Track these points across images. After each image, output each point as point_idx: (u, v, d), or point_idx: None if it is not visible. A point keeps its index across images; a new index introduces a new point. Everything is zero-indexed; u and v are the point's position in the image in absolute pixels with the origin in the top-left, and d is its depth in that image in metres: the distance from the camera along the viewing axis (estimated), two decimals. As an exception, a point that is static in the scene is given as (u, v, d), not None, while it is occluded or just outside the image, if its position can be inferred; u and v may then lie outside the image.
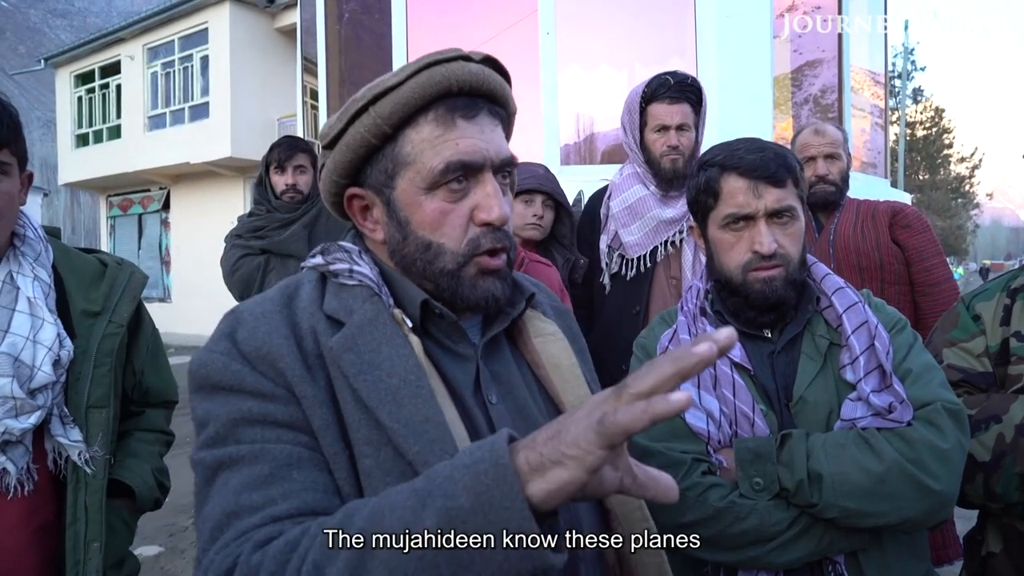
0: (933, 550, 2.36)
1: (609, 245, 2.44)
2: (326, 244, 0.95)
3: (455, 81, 0.86)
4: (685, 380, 0.56)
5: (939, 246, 2.54)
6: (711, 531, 1.20)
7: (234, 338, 0.83)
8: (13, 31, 33.72)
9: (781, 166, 1.29)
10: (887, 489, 1.15)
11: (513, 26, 4.02)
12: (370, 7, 5.00)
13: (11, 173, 1.37)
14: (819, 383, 1.28)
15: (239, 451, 0.77)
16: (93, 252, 1.62)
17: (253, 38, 14.64)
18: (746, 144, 1.33)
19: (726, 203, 1.31)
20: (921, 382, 1.24)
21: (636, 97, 2.39)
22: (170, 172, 15.82)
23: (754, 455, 1.22)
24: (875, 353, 1.24)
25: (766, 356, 1.33)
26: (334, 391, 0.81)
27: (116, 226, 18.19)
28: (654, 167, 2.37)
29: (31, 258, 1.43)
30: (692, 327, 1.38)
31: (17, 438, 1.33)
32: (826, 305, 1.33)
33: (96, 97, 17.46)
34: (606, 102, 4.19)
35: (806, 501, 1.18)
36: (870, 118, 5.84)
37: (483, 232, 0.88)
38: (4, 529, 1.33)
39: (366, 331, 0.84)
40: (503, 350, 0.97)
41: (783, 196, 1.29)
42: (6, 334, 1.34)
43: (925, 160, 33.64)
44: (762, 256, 1.28)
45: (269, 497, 0.75)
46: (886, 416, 1.20)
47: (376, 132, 0.87)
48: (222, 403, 0.80)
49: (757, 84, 3.62)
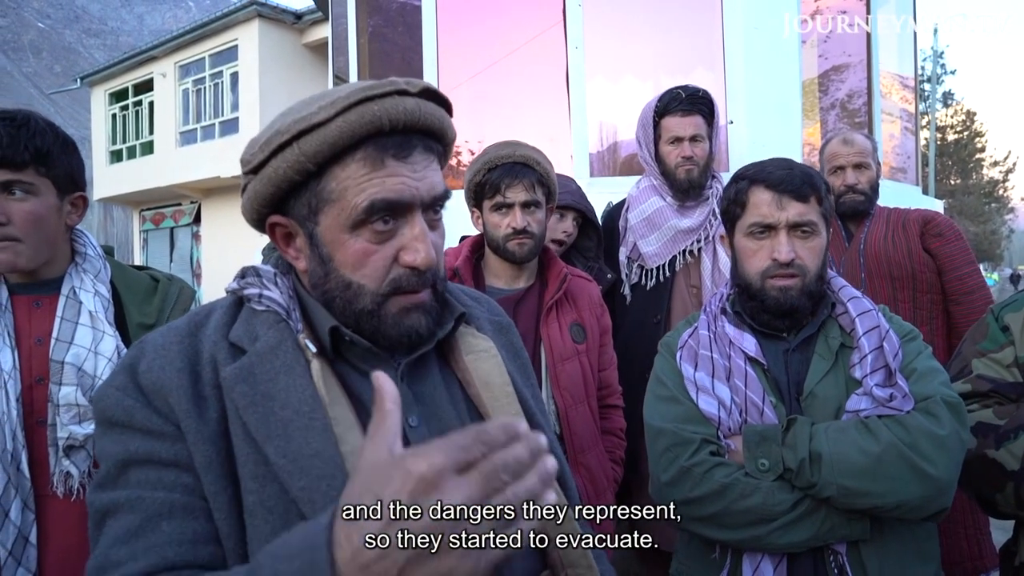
0: (970, 560, 2.33)
1: (628, 256, 2.49)
2: (245, 267, 0.92)
3: (388, 120, 0.80)
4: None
5: (972, 254, 2.52)
6: (716, 507, 1.29)
7: (134, 370, 0.81)
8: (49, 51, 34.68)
9: (805, 183, 1.39)
10: (884, 470, 1.22)
11: (539, 36, 4.07)
12: (393, 20, 5.08)
13: (37, 193, 1.42)
14: (829, 380, 1.36)
15: (119, 497, 0.76)
16: (144, 269, 1.70)
17: (281, 54, 14.90)
18: (776, 162, 1.44)
19: (751, 213, 1.42)
20: (924, 380, 1.32)
21: (649, 111, 2.45)
22: (201, 186, 16.12)
23: (761, 437, 1.30)
24: (883, 353, 1.32)
25: (781, 353, 1.42)
26: (228, 423, 0.78)
27: (149, 240, 18.56)
28: (670, 178, 2.42)
29: (92, 274, 1.52)
30: (712, 325, 1.48)
31: (80, 443, 1.41)
32: (841, 311, 1.42)
33: (130, 114, 17.87)
34: (632, 113, 4.22)
35: (807, 481, 1.25)
36: (899, 123, 5.78)
37: (406, 274, 0.84)
38: (69, 528, 1.41)
39: (266, 360, 0.81)
40: (430, 369, 0.94)
41: (805, 211, 1.39)
42: (70, 345, 1.43)
43: (957, 165, 33.03)
44: (780, 264, 1.37)
45: (131, 552, 0.73)
46: (886, 404, 1.27)
47: (299, 169, 0.81)
48: (114, 440, 0.78)
49: (785, 92, 3.62)
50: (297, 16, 14.83)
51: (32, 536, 1.38)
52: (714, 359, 1.41)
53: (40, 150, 1.41)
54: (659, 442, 1.40)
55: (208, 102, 16.01)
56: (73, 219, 1.53)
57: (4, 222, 1.39)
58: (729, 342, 1.42)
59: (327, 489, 0.74)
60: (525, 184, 1.90)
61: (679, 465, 1.33)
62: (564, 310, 1.99)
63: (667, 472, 1.36)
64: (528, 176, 1.91)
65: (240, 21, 14.87)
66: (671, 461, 1.35)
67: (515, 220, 1.90)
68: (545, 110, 4.06)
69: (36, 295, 1.49)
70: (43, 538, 1.40)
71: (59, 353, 1.42)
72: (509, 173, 1.90)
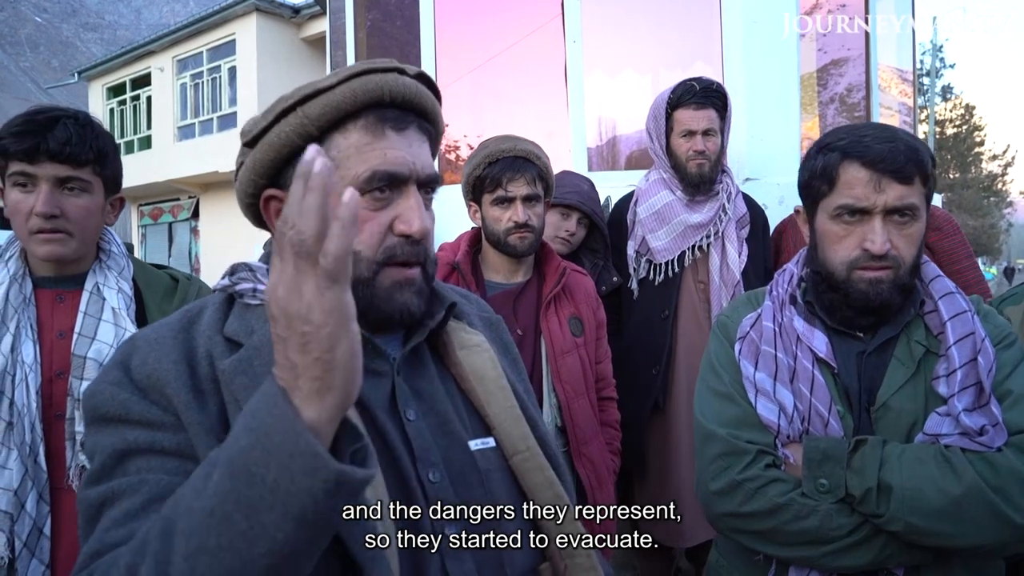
0: None
1: (636, 250, 2.47)
2: (235, 264, 0.93)
3: (388, 92, 0.84)
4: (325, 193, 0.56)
5: (970, 248, 2.53)
6: (768, 525, 1.17)
7: (127, 366, 0.80)
8: (47, 45, 34.59)
9: (911, 160, 1.16)
10: (962, 513, 1.07)
11: (537, 31, 4.06)
12: (392, 14, 5.07)
13: (91, 191, 1.50)
14: (907, 391, 1.19)
15: (120, 485, 0.74)
16: (163, 268, 1.73)
17: (279, 48, 14.88)
18: (875, 131, 1.20)
19: (842, 192, 1.20)
20: (1021, 406, 1.14)
21: (662, 103, 2.42)
22: (199, 181, 16.11)
23: (823, 455, 1.15)
24: (976, 368, 1.14)
25: (855, 355, 1.25)
26: (227, 416, 0.78)
27: (147, 235, 18.55)
28: (680, 172, 2.40)
29: (115, 272, 1.55)
30: (779, 314, 1.30)
31: None
32: (930, 309, 1.23)
33: (127, 108, 17.86)
34: (630, 107, 4.21)
35: (872, 511, 1.12)
36: (898, 116, 5.77)
37: (400, 243, 0.86)
38: None
39: (264, 352, 0.80)
40: (427, 365, 0.95)
41: (906, 194, 1.16)
42: (93, 341, 1.45)
43: (955, 158, 33.02)
44: (872, 255, 1.18)
45: (130, 532, 0.69)
46: (975, 438, 1.10)
47: (302, 133, 0.83)
48: (108, 434, 0.77)
49: (784, 87, 3.61)
50: (295, 10, 14.80)
51: (47, 528, 1.40)
52: (778, 358, 1.25)
53: (101, 151, 1.48)
54: (710, 447, 1.25)
55: (206, 96, 15.99)
56: (110, 219, 1.58)
57: (58, 214, 1.43)
58: (797, 338, 1.25)
59: None
60: (526, 178, 1.91)
61: (731, 477, 1.20)
62: (562, 304, 2.00)
63: (717, 481, 1.22)
64: (529, 170, 1.91)
65: (238, 15, 14.85)
66: (722, 470, 1.22)
67: (517, 214, 1.90)
68: (543, 104, 4.04)
69: (59, 289, 1.52)
70: (56, 531, 1.42)
71: (81, 348, 1.44)
72: (510, 167, 1.90)
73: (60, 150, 1.41)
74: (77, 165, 1.45)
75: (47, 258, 1.46)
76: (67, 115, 1.45)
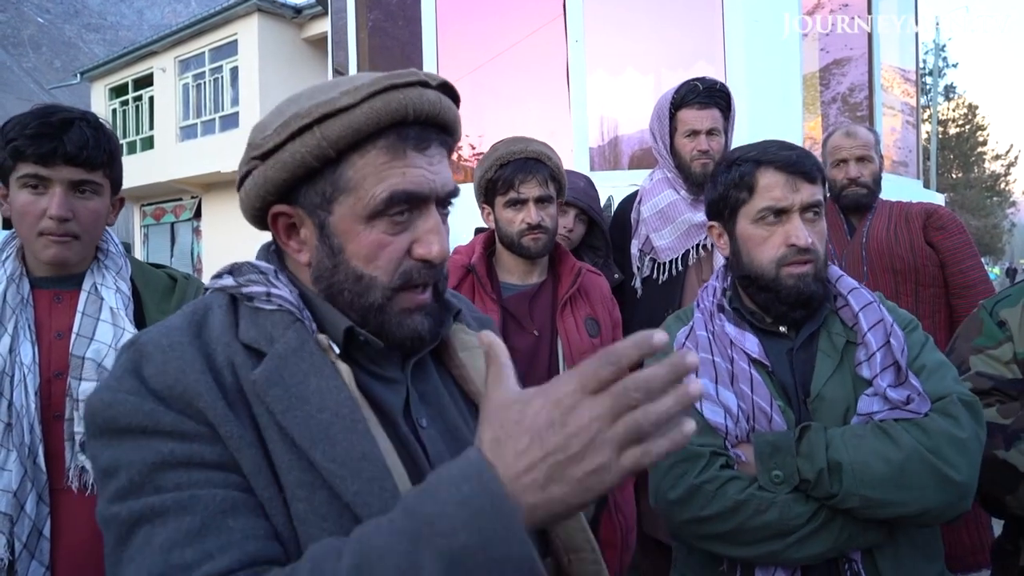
0: (971, 554, 2.32)
1: (640, 249, 2.47)
2: (236, 263, 0.88)
3: (412, 110, 0.79)
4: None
5: (974, 248, 2.52)
6: (730, 524, 1.21)
7: (140, 375, 0.75)
8: (49, 46, 34.66)
9: (813, 164, 1.34)
10: (907, 478, 1.16)
11: (539, 30, 4.05)
12: (393, 15, 5.07)
13: (102, 194, 1.50)
14: (836, 380, 1.30)
15: (162, 501, 0.69)
16: (161, 267, 1.72)
17: (281, 48, 14.89)
18: (776, 144, 1.37)
19: (762, 196, 1.33)
20: (935, 377, 1.26)
21: (666, 103, 2.42)
22: (201, 181, 16.13)
23: (773, 448, 1.23)
24: (891, 350, 1.26)
25: (784, 353, 1.35)
26: (259, 429, 0.75)
27: (149, 235, 18.57)
28: (684, 172, 2.39)
29: (113, 271, 1.54)
30: (709, 323, 1.39)
31: None
32: (842, 304, 1.35)
33: (130, 109, 17.88)
34: (633, 107, 4.21)
35: (826, 492, 1.19)
36: (901, 116, 5.76)
37: (417, 267, 0.82)
38: (81, 523, 1.42)
39: (291, 362, 0.77)
40: (429, 369, 0.93)
41: (815, 191, 1.32)
42: (91, 341, 1.44)
43: (958, 158, 32.93)
44: (798, 249, 1.30)
45: (205, 552, 0.66)
46: (903, 408, 1.22)
47: (319, 155, 0.78)
48: (135, 447, 0.71)
49: (786, 86, 3.61)
50: (297, 11, 14.81)
51: (46, 530, 1.39)
52: (716, 362, 1.32)
53: (112, 153, 1.48)
54: (666, 457, 1.32)
55: (208, 97, 16.00)
56: (111, 220, 1.57)
57: (70, 218, 1.43)
58: (730, 343, 1.34)
59: (380, 491, 0.72)
60: (539, 179, 1.90)
61: (689, 483, 1.24)
62: (578, 304, 2.00)
63: (676, 489, 1.26)
64: (541, 171, 1.91)
65: (240, 16, 14.87)
66: (679, 478, 1.26)
67: (530, 215, 1.90)
68: (545, 104, 4.05)
69: (57, 289, 1.51)
70: (56, 532, 1.41)
71: (80, 348, 1.43)
72: (522, 169, 1.90)
73: (77, 153, 1.40)
74: (91, 168, 1.44)
75: (52, 261, 1.45)
76: (79, 117, 1.43)
